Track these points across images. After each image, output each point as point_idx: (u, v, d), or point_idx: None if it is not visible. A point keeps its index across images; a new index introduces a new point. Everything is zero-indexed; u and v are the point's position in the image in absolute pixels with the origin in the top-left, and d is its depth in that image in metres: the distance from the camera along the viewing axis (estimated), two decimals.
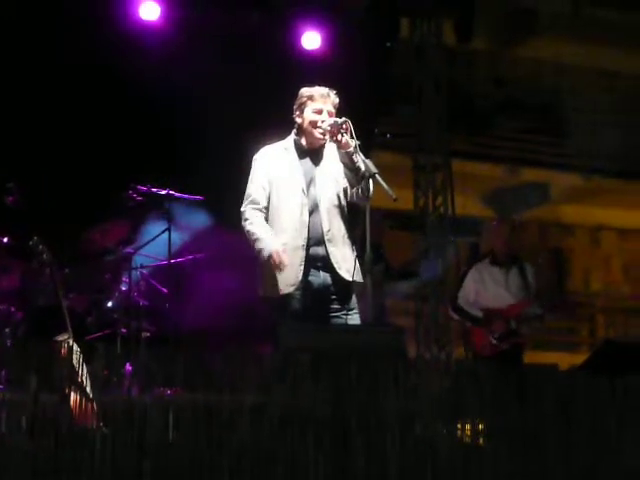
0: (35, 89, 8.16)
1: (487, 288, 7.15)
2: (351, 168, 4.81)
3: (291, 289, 4.84)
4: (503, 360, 6.77)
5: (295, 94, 5.13)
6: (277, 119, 5.44)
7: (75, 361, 4.39)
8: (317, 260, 4.89)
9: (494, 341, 6.92)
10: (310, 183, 4.96)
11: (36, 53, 8.26)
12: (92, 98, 8.32)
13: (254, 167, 5.08)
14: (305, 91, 5.09)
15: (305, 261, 4.86)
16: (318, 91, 5.05)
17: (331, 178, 5.01)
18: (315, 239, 4.90)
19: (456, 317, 7.18)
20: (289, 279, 4.84)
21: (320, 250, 4.90)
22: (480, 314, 7.08)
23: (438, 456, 3.46)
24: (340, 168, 5.02)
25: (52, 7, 8.50)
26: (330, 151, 5.03)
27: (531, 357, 12.06)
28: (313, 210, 4.93)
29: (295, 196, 4.92)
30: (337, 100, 5.06)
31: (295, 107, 5.10)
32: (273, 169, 5.02)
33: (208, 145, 8.35)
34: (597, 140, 13.45)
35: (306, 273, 4.86)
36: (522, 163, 13.58)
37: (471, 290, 7.18)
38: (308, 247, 4.88)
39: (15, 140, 7.95)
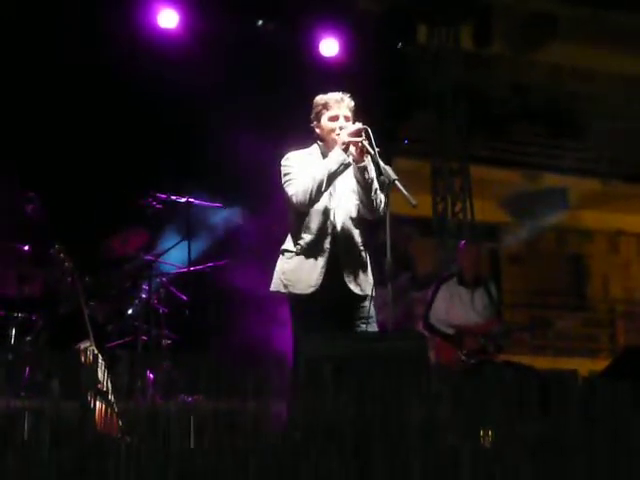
0: (55, 99, 8.20)
1: (455, 307, 7.31)
2: (363, 185, 4.79)
3: (311, 290, 4.78)
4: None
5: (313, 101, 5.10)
6: (296, 126, 5.43)
7: (97, 369, 4.41)
8: (337, 267, 4.86)
9: (463, 357, 7.04)
10: (331, 190, 4.92)
11: (57, 63, 8.29)
12: (112, 107, 8.35)
13: (289, 163, 4.93)
14: (320, 99, 5.02)
15: (327, 265, 4.84)
16: (332, 97, 4.98)
17: (349, 189, 4.99)
18: (336, 247, 4.87)
19: (427, 334, 7.25)
20: (311, 280, 4.79)
21: (341, 258, 4.87)
22: (450, 331, 7.19)
23: (461, 465, 3.45)
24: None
25: (73, 17, 8.54)
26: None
27: (551, 363, 12.10)
28: (335, 218, 4.91)
29: (322, 201, 4.85)
30: (352, 103, 5.00)
31: (312, 117, 5.04)
32: (304, 169, 4.92)
33: (227, 153, 8.36)
34: (616, 145, 13.41)
35: (326, 277, 4.83)
36: (541, 168, 13.56)
37: (441, 308, 7.32)
38: (331, 252, 4.85)
39: (36, 150, 8.00)
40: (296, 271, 4.83)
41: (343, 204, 4.94)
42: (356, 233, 4.95)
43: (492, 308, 7.36)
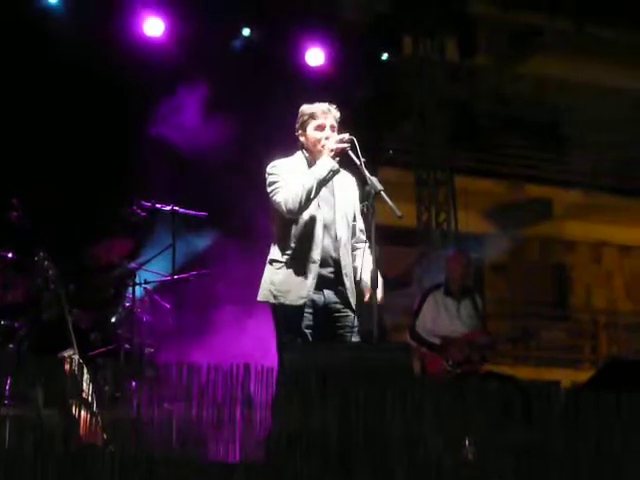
0: (39, 105, 8.17)
1: (442, 317, 7.36)
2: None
3: (301, 302, 4.76)
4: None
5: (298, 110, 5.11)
6: (282, 135, 5.43)
7: (80, 377, 4.39)
8: (323, 279, 4.86)
9: (448, 367, 7.08)
10: (319, 200, 4.91)
11: (44, 70, 8.28)
12: (98, 114, 8.33)
13: (277, 171, 4.90)
14: (306, 109, 5.01)
15: (318, 276, 4.84)
16: (319, 107, 4.98)
17: (339, 196, 5.00)
18: (324, 258, 4.87)
19: (413, 343, 7.27)
20: (301, 291, 4.77)
21: (326, 270, 4.88)
22: (437, 341, 7.23)
23: (444, 475, 3.46)
24: (348, 186, 5.03)
25: (59, 25, 8.55)
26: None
27: (533, 373, 12.13)
28: (324, 227, 4.91)
29: (310, 210, 4.83)
30: (338, 114, 5.01)
31: (297, 126, 5.03)
32: (291, 177, 4.88)
33: (211, 161, 8.36)
34: (599, 157, 13.49)
35: (315, 288, 4.83)
36: (525, 179, 13.62)
37: (428, 318, 7.36)
38: (321, 263, 4.85)
39: (19, 156, 7.97)
40: (286, 282, 4.80)
41: (339, 213, 4.96)
42: (347, 242, 4.97)
43: (477, 319, 7.40)
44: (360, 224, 5.09)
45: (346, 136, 4.82)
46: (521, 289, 14.30)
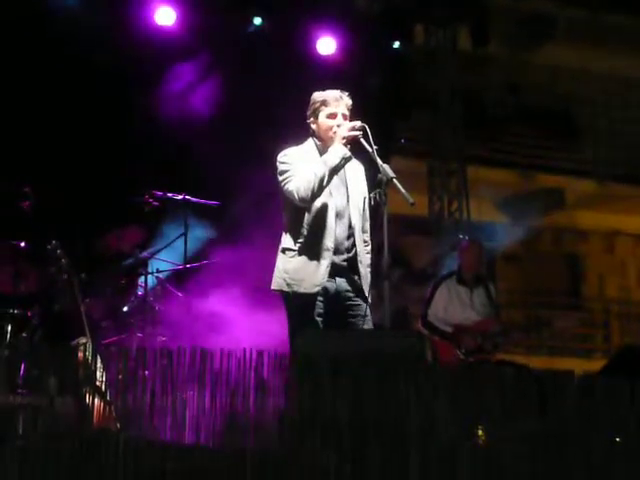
0: (52, 96, 8.18)
1: (454, 305, 7.36)
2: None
3: (316, 289, 4.75)
4: None
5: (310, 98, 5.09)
6: (293, 124, 5.41)
7: (93, 364, 4.40)
8: (336, 266, 4.85)
9: (461, 356, 7.07)
10: (331, 188, 4.89)
11: (55, 61, 8.28)
12: (110, 103, 8.34)
13: (288, 159, 4.88)
14: (318, 96, 5.01)
15: (331, 263, 4.82)
16: (331, 95, 4.98)
17: (351, 184, 4.99)
18: (336, 246, 4.86)
19: (426, 332, 7.26)
20: (315, 279, 4.76)
21: (339, 257, 4.86)
22: (449, 329, 7.21)
23: (459, 463, 3.45)
24: (358, 174, 5.02)
25: (71, 16, 8.56)
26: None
27: (546, 363, 12.11)
28: (337, 215, 4.90)
29: (322, 198, 4.82)
30: (350, 102, 5.00)
31: (309, 113, 5.03)
32: (302, 165, 4.87)
33: (223, 150, 8.35)
34: (612, 146, 13.44)
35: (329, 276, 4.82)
36: (537, 169, 13.57)
37: (440, 306, 7.36)
38: (335, 250, 4.83)
39: (31, 145, 7.98)
40: (300, 270, 4.79)
41: (352, 201, 4.94)
42: (360, 230, 4.95)
43: (491, 307, 7.38)
44: (366, 214, 5.07)
45: (358, 123, 4.82)
46: (533, 279, 14.27)
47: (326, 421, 3.43)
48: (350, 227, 4.91)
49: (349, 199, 4.95)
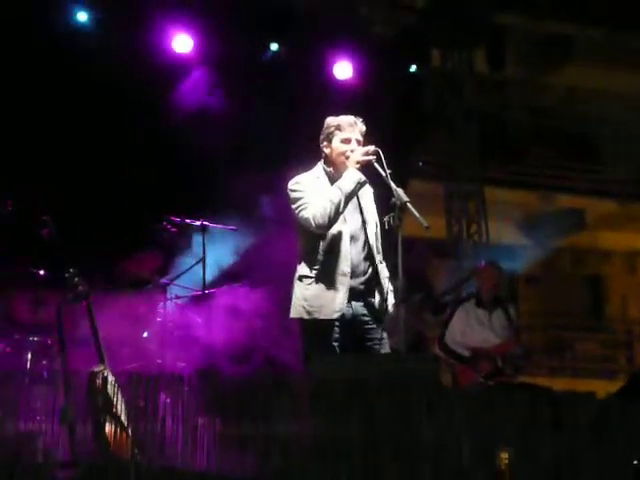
0: (72, 123, 8.26)
1: (473, 328, 7.30)
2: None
3: (336, 315, 4.74)
4: None
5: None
6: (309, 149, 5.42)
7: (110, 392, 4.42)
8: (353, 291, 4.84)
9: (481, 379, 7.00)
10: (345, 213, 4.88)
11: (75, 88, 8.36)
12: (128, 131, 8.40)
13: (301, 187, 4.87)
14: (332, 121, 5.02)
15: (350, 289, 4.82)
16: (345, 120, 4.98)
17: (364, 207, 5.00)
18: (353, 270, 4.85)
19: (443, 356, 7.23)
20: (335, 305, 4.75)
21: (356, 281, 4.86)
22: (466, 353, 7.18)
23: None
24: (370, 197, 5.03)
25: (88, 43, 8.64)
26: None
27: (569, 385, 12.02)
28: (351, 239, 4.91)
29: (337, 224, 4.81)
30: (364, 128, 5.00)
31: (322, 137, 5.04)
32: (316, 192, 4.86)
33: (240, 175, 8.38)
34: (632, 166, 13.38)
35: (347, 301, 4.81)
36: (557, 190, 13.53)
37: (457, 330, 7.30)
38: (352, 275, 4.83)
39: (51, 173, 8.04)
40: (319, 297, 4.78)
41: (366, 224, 4.95)
42: (375, 251, 4.95)
43: (510, 329, 7.33)
44: (378, 234, 5.07)
45: (372, 148, 4.82)
46: (555, 300, 14.19)
47: (340, 444, 3.42)
48: (365, 249, 4.91)
49: (363, 222, 4.96)
